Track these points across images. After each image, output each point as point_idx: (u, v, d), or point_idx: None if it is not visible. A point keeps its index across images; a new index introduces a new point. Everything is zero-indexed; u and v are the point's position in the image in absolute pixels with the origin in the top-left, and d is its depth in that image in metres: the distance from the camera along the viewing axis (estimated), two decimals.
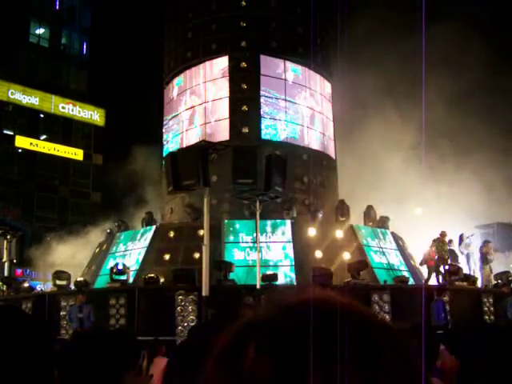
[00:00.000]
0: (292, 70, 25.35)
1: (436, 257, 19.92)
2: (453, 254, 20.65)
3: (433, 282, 19.80)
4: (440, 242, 20.09)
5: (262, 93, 24.41)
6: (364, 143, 26.42)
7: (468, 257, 21.46)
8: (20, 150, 45.51)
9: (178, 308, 15.62)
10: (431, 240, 20.40)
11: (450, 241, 20.80)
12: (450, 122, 26.41)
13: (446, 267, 19.41)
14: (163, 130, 27.03)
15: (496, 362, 1.94)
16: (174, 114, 26.04)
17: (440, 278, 19.53)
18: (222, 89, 24.56)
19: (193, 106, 25.12)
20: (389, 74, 26.51)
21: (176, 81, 26.23)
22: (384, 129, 25.79)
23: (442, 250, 19.93)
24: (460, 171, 25.93)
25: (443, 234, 20.26)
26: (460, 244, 21.45)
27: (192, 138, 24.42)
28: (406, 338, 0.68)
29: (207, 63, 25.06)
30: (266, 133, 24.14)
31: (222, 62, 24.82)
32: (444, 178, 25.51)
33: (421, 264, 21.11)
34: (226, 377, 0.65)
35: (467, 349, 2.11)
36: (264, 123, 24.19)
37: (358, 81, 25.80)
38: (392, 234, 23.37)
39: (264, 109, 24.35)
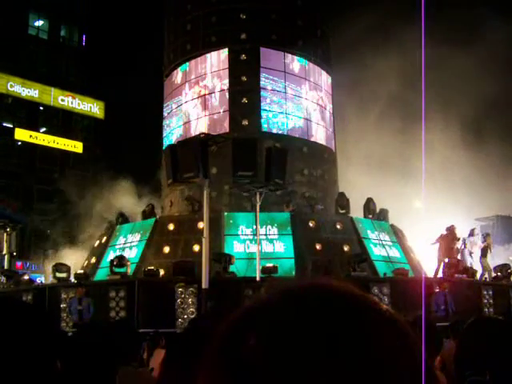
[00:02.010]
0: (298, 61, 25.29)
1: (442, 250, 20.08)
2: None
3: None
4: (449, 236, 20.19)
5: (262, 85, 24.37)
6: (364, 135, 26.43)
7: (468, 251, 21.45)
8: (19, 143, 45.46)
9: (178, 300, 15.64)
10: (441, 234, 20.52)
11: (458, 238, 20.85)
12: (451, 115, 26.40)
13: (446, 260, 19.47)
14: (164, 115, 26.94)
15: (493, 349, 1.95)
16: (177, 100, 25.96)
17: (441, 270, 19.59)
18: (223, 80, 24.53)
19: (195, 97, 25.09)
20: (388, 65, 26.47)
21: (180, 66, 26.14)
22: (384, 122, 25.78)
23: (451, 244, 20.04)
24: (460, 164, 25.95)
25: (453, 228, 20.34)
26: (468, 237, 21.44)
27: (194, 128, 24.42)
28: (408, 326, 0.68)
29: (210, 54, 25.02)
30: (266, 125, 24.12)
31: (221, 55, 24.78)
32: (444, 171, 25.53)
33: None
34: (225, 366, 0.65)
35: (464, 336, 2.11)
36: (264, 116, 24.17)
37: (357, 73, 25.78)
38: (392, 226, 23.39)
39: (264, 101, 24.32)
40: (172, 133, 25.82)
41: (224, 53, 24.73)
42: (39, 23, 48.91)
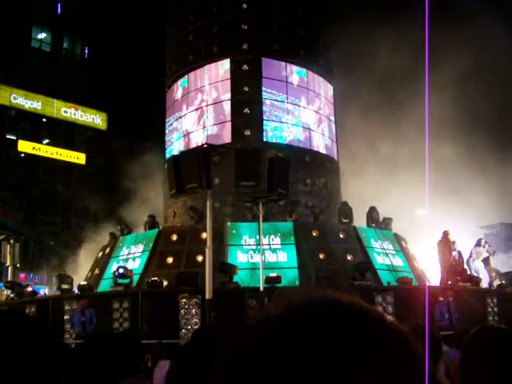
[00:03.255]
0: (297, 73, 25.38)
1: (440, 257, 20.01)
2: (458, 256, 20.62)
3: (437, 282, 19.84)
4: (443, 241, 20.11)
5: (264, 95, 24.43)
6: (366, 144, 26.42)
7: (472, 260, 21.34)
8: (23, 155, 45.59)
9: (182, 311, 15.61)
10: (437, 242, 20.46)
11: (453, 242, 20.75)
12: (455, 123, 26.36)
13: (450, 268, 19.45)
14: (166, 131, 27.06)
15: (497, 358, 1.95)
16: (177, 115, 26.07)
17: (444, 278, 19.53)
18: (225, 91, 24.60)
19: (197, 109, 25.16)
20: (391, 74, 26.50)
21: (180, 82, 26.27)
22: (386, 128, 25.78)
23: (446, 250, 19.96)
24: (464, 171, 25.89)
25: (446, 234, 20.27)
26: (475, 247, 21.35)
27: (196, 140, 24.47)
28: (413, 337, 0.68)
29: (211, 65, 25.11)
30: (269, 135, 24.16)
31: (223, 65, 24.86)
32: (448, 179, 25.47)
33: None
34: (233, 380, 0.65)
35: (468, 345, 2.11)
36: (266, 126, 24.21)
37: (360, 79, 25.78)
38: (395, 235, 23.35)
39: (266, 111, 24.36)
40: (173, 148, 25.86)
41: (225, 63, 24.81)
42: (42, 36, 49.20)
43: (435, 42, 22.63)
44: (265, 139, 23.91)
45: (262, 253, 17.05)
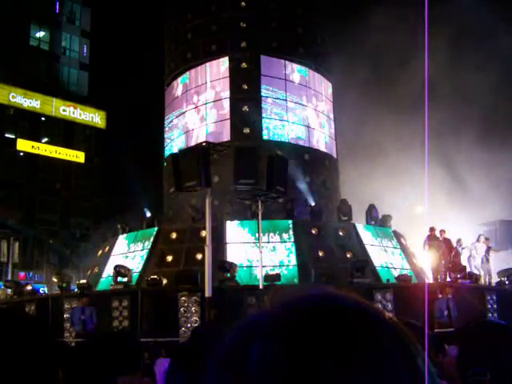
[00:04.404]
0: (298, 71, 25.36)
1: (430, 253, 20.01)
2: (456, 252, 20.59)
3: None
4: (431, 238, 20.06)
5: (263, 93, 24.42)
6: (366, 141, 26.43)
7: (473, 257, 21.33)
8: (22, 154, 45.55)
9: (181, 309, 15.61)
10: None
11: (458, 240, 20.70)
12: (454, 119, 26.37)
13: (449, 265, 19.43)
14: (165, 129, 27.02)
15: (495, 350, 1.96)
16: (178, 112, 26.04)
17: (438, 275, 19.50)
18: (224, 89, 24.59)
19: (196, 106, 25.16)
20: (389, 72, 26.51)
21: (180, 79, 26.26)
22: (386, 126, 25.79)
23: (434, 247, 19.95)
24: (463, 169, 25.90)
25: (431, 229, 20.19)
26: (475, 243, 21.34)
27: (196, 137, 24.46)
28: (411, 335, 0.68)
29: (210, 63, 25.09)
30: (268, 133, 24.15)
31: (224, 62, 24.86)
32: (447, 176, 25.48)
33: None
34: (230, 377, 0.65)
35: (466, 338, 2.12)
36: (265, 123, 24.20)
37: (358, 79, 25.79)
38: (394, 232, 23.35)
39: (267, 109, 24.35)
40: (173, 145, 25.84)
41: (224, 61, 24.80)
42: (40, 34, 49.13)
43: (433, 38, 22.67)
44: (264, 137, 23.91)
45: (261, 251, 17.06)
